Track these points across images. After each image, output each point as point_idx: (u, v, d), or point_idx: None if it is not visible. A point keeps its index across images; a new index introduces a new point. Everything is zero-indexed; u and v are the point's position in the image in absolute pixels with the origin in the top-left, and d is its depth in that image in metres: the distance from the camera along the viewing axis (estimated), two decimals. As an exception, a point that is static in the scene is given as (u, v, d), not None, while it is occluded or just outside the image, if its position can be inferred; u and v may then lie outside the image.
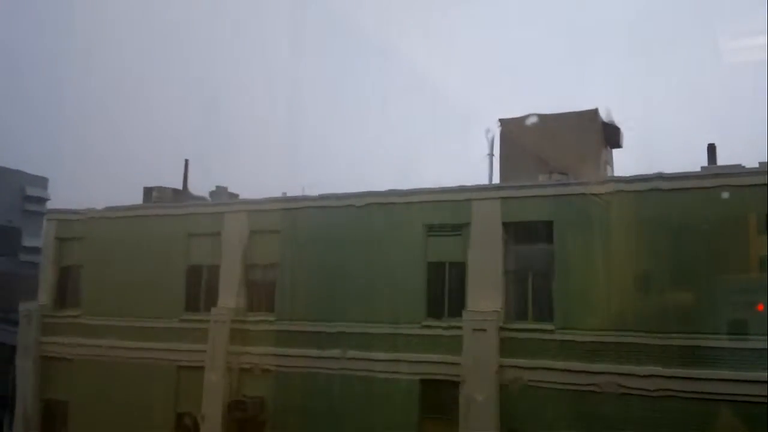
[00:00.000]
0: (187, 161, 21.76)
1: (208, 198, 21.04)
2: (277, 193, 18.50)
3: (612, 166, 17.93)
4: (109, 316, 19.09)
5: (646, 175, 14.17)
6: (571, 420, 13.95)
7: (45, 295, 20.36)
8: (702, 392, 12.85)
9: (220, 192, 20.86)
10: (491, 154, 18.86)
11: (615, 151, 18.27)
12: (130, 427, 17.80)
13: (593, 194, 14.53)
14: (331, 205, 17.17)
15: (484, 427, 14.38)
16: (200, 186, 21.68)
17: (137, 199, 20.88)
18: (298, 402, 16.51)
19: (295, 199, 17.93)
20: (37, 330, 19.94)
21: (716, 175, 13.72)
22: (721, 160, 14.87)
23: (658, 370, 13.25)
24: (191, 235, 18.69)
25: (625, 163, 18.45)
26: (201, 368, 17.44)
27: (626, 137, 17.93)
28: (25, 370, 19.82)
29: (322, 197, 17.31)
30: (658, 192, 13.99)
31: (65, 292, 20.33)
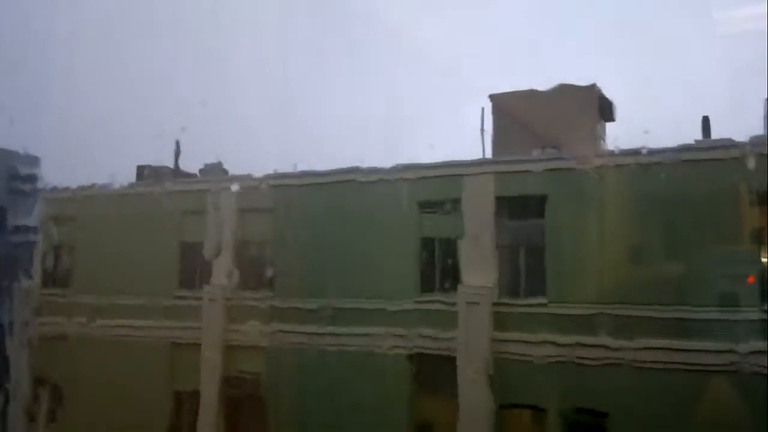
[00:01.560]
0: (177, 141, 21.60)
1: (198, 175, 20.93)
2: (269, 170, 18.42)
3: (605, 140, 17.91)
4: (103, 295, 19.04)
5: (639, 148, 14.17)
6: (563, 393, 14.11)
7: (39, 274, 20.27)
8: (694, 363, 12.98)
9: (210, 169, 20.74)
10: (483, 129, 18.75)
11: (608, 125, 18.21)
12: (125, 405, 17.87)
13: (587, 168, 14.54)
14: (324, 182, 17.10)
15: (478, 400, 14.51)
16: (192, 163, 21.55)
17: (131, 177, 20.75)
18: (293, 378, 16.60)
19: (288, 175, 17.83)
20: (31, 309, 19.88)
21: (709, 149, 13.74)
22: (716, 133, 14.89)
23: (651, 341, 13.37)
24: (185, 212, 18.59)
25: (618, 136, 18.41)
26: (196, 345, 17.48)
27: (619, 110, 17.88)
28: (19, 349, 19.81)
29: (315, 174, 17.23)
30: (651, 165, 14.01)
31: (60, 271, 20.25)
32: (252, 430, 17.06)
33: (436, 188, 15.92)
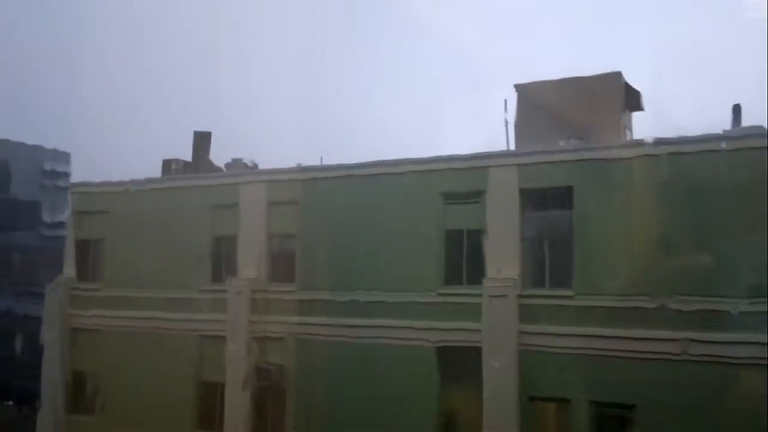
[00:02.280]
0: (209, 133, 21.79)
1: (224, 169, 21.10)
2: (294, 164, 18.54)
3: (631, 130, 17.68)
4: (133, 288, 19.35)
5: (667, 138, 13.98)
6: (590, 385, 14.02)
7: (70, 268, 20.66)
8: (724, 356, 12.83)
9: (236, 163, 20.90)
10: (508, 121, 18.63)
11: (637, 115, 17.97)
12: (155, 397, 18.19)
13: (613, 159, 14.39)
14: (350, 175, 17.15)
15: (504, 392, 14.50)
16: (217, 158, 21.74)
17: (156, 172, 21.02)
18: (318, 369, 16.73)
19: (314, 169, 17.94)
20: (64, 302, 20.26)
21: (738, 137, 13.50)
22: (747, 121, 14.60)
23: (680, 334, 13.22)
24: (214, 206, 18.80)
25: (646, 125, 18.14)
26: (224, 338, 17.69)
27: (647, 100, 17.61)
28: (53, 342, 20.20)
29: (340, 167, 17.30)
30: (679, 155, 13.83)
31: (90, 265, 20.59)
32: (277, 420, 17.25)
33: (460, 180, 15.88)
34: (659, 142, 14.08)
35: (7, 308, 30.22)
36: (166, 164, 21.12)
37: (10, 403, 28.96)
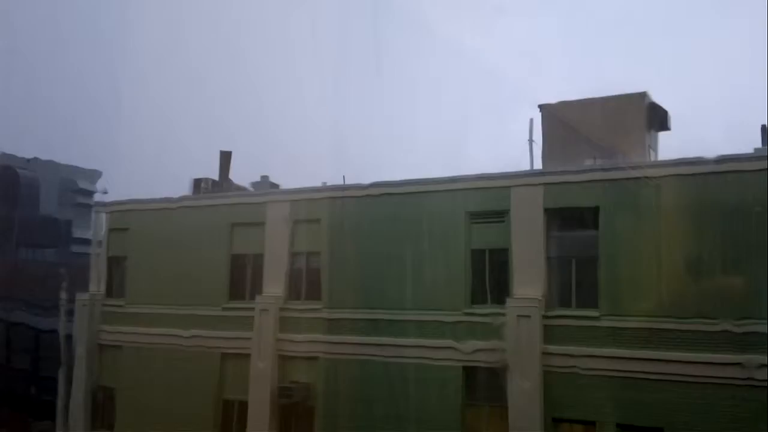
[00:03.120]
0: (230, 153, 22.13)
1: (251, 188, 21.36)
2: (318, 183, 18.70)
3: (656, 150, 17.57)
4: (156, 305, 19.56)
5: (694, 158, 13.86)
6: (616, 408, 13.83)
7: (97, 285, 20.95)
8: (754, 379, 12.62)
9: (263, 182, 21.16)
10: (532, 140, 18.66)
11: (664, 134, 17.86)
12: (176, 414, 18.28)
13: (640, 178, 14.29)
14: (375, 194, 17.21)
15: (528, 413, 14.36)
16: (245, 177, 22.06)
17: (187, 190, 21.37)
18: (343, 388, 16.70)
19: (338, 188, 18.06)
20: (92, 319, 20.52)
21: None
22: None
23: (709, 356, 13.03)
24: (235, 224, 18.99)
25: (673, 145, 18.04)
26: (245, 355, 17.78)
27: (674, 119, 17.52)
28: (81, 358, 20.44)
29: (365, 186, 17.39)
30: (707, 175, 13.69)
31: (115, 282, 20.88)
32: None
33: (486, 199, 15.86)
34: (685, 161, 13.96)
35: (55, 327, 30.70)
36: (197, 183, 21.49)
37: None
